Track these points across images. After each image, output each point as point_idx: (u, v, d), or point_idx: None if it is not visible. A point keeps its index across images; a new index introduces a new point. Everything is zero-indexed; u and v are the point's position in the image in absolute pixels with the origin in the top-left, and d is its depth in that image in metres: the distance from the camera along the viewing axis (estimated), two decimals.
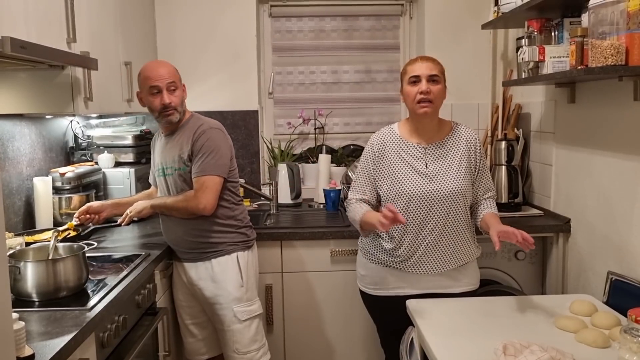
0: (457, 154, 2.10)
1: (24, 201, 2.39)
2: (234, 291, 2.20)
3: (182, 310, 2.34)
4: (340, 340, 2.69)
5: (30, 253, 1.82)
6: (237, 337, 2.22)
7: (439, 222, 2.05)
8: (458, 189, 2.05)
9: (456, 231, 2.08)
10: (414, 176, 2.06)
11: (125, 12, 2.64)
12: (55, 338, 1.39)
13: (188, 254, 2.25)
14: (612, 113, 2.16)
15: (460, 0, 3.24)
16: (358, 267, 2.28)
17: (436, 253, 2.08)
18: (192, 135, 2.16)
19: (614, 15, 1.78)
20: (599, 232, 2.27)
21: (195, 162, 2.14)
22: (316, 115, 3.45)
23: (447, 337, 1.69)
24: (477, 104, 3.25)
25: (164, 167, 2.24)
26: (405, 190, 2.05)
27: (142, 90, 2.19)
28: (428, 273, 2.09)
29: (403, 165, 2.09)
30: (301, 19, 3.49)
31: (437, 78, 2.02)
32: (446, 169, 2.07)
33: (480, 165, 2.14)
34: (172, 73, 2.18)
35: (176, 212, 2.18)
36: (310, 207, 3.17)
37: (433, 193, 2.04)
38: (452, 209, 2.05)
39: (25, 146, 2.41)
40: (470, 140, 2.12)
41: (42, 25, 1.82)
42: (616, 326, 1.68)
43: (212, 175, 2.13)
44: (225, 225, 2.23)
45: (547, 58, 2.21)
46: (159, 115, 2.18)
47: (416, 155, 2.09)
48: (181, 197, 2.17)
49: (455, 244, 2.09)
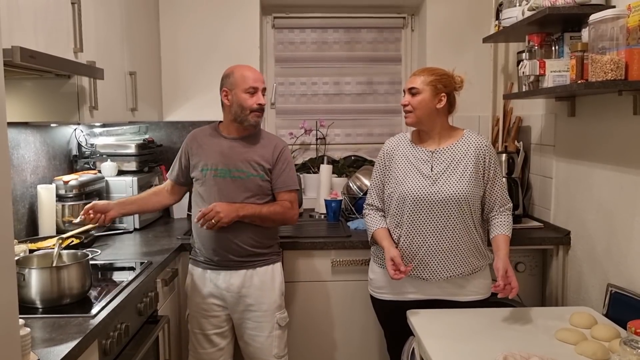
0: (464, 158, 2.11)
1: (28, 208, 2.41)
2: (277, 299, 2.31)
3: (204, 320, 2.30)
4: (342, 350, 2.69)
5: (35, 260, 1.84)
6: (277, 342, 2.32)
7: (438, 225, 2.08)
8: (459, 193, 2.06)
9: (457, 236, 2.09)
10: (418, 178, 2.11)
11: (130, 22, 2.67)
12: (60, 345, 1.40)
13: (233, 262, 2.25)
14: (611, 127, 2.18)
15: (461, 14, 3.27)
16: (369, 271, 2.33)
17: (438, 257, 2.09)
18: (275, 147, 2.29)
19: (614, 31, 1.81)
20: (599, 244, 2.29)
21: (282, 174, 2.28)
22: (318, 126, 3.48)
23: (448, 348, 1.70)
24: (477, 117, 3.27)
25: (229, 169, 2.24)
26: (402, 191, 2.10)
27: (235, 88, 2.21)
28: (432, 278, 2.11)
29: (409, 167, 2.14)
30: (304, 30, 3.52)
31: (414, 90, 2.12)
32: (451, 172, 2.10)
33: (492, 174, 2.14)
34: (264, 81, 2.29)
35: (270, 222, 2.26)
36: (312, 217, 3.18)
37: (433, 195, 2.07)
38: (454, 214, 2.07)
39: (30, 154, 2.43)
40: (480, 148, 2.13)
41: (50, 35, 1.85)
42: (616, 338, 1.69)
43: (297, 189, 2.34)
44: (275, 236, 2.38)
45: (548, 72, 2.23)
46: (250, 113, 2.22)
47: (423, 158, 2.14)
48: (278, 208, 2.25)
49: (460, 251, 2.10)
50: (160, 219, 3.07)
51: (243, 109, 2.22)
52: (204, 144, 2.30)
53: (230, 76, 2.25)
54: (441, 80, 2.12)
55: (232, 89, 2.22)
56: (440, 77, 2.12)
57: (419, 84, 2.11)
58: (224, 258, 2.25)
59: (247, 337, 2.31)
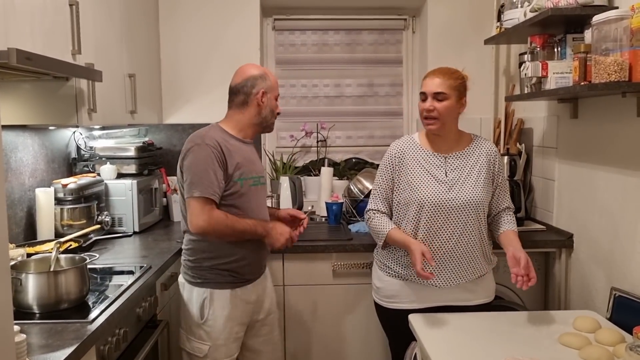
0: (477, 164, 2.11)
1: (26, 212, 2.39)
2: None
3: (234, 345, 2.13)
4: (343, 354, 2.67)
5: (32, 264, 1.82)
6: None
7: (455, 231, 2.05)
8: (476, 199, 2.06)
9: (471, 242, 2.08)
10: (433, 183, 2.07)
11: (130, 24, 2.65)
12: (56, 351, 1.38)
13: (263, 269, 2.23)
14: (615, 129, 2.16)
15: (463, 16, 3.26)
16: (374, 279, 2.28)
17: (451, 264, 2.07)
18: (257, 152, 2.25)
19: (617, 32, 1.79)
20: (602, 247, 2.26)
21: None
22: (319, 128, 3.46)
23: (450, 352, 1.68)
24: (479, 119, 3.25)
25: (259, 175, 2.18)
26: (420, 197, 2.05)
27: (271, 92, 2.14)
28: (444, 285, 2.08)
29: (423, 173, 2.09)
30: (304, 32, 3.51)
31: (442, 96, 2.03)
32: (465, 178, 2.08)
33: (500, 179, 2.16)
34: None
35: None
36: (312, 220, 3.16)
37: (450, 201, 2.04)
38: (469, 219, 2.06)
39: (28, 157, 2.41)
40: (491, 153, 2.14)
41: (47, 36, 1.83)
42: (620, 343, 1.67)
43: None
44: None
45: (550, 74, 2.21)
46: (274, 119, 2.19)
47: (437, 164, 2.10)
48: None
49: (471, 255, 2.09)
50: (160, 222, 3.05)
51: (273, 115, 2.17)
52: (232, 151, 2.05)
53: (266, 79, 2.13)
54: (463, 83, 2.09)
55: (269, 92, 2.12)
56: (462, 80, 2.09)
57: (446, 89, 2.03)
58: (260, 269, 2.21)
59: (259, 344, 2.24)
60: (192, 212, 1.96)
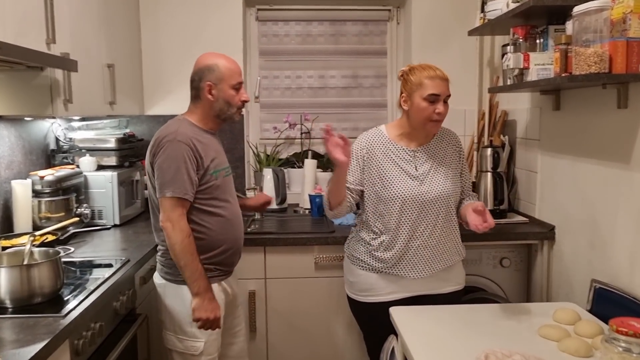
0: (446, 156, 2.14)
1: (2, 204, 2.34)
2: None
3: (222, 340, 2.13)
4: (324, 347, 2.66)
5: (5, 258, 1.78)
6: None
7: (429, 224, 2.07)
8: (447, 192, 2.08)
9: (444, 233, 2.10)
10: (405, 179, 2.06)
11: (108, 13, 2.60)
12: (27, 346, 1.35)
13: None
14: (596, 120, 2.15)
15: (447, 7, 3.24)
16: (346, 274, 2.26)
17: (425, 255, 2.08)
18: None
19: (598, 23, 1.78)
20: (583, 239, 2.27)
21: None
22: (302, 120, 3.43)
23: (430, 345, 1.67)
24: (463, 110, 3.24)
25: (228, 165, 2.15)
26: (398, 193, 2.05)
27: (221, 82, 2.02)
28: (420, 276, 2.09)
29: (393, 167, 2.08)
30: (288, 23, 3.47)
31: (448, 98, 2.05)
32: (435, 172, 2.09)
33: (463, 164, 2.21)
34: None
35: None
36: (296, 212, 3.15)
37: (423, 195, 2.05)
38: (442, 212, 2.08)
39: (4, 148, 2.37)
40: (456, 143, 2.20)
41: (20, 25, 1.79)
42: (599, 335, 1.67)
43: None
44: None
45: (532, 65, 2.20)
46: (236, 110, 2.07)
47: (406, 158, 2.10)
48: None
49: (444, 245, 2.11)
50: (141, 215, 3.01)
51: (230, 106, 2.04)
52: (205, 144, 2.02)
53: (214, 69, 2.01)
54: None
55: (218, 83, 2.01)
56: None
57: (449, 91, 2.04)
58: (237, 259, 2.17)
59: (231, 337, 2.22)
60: (163, 212, 1.94)
